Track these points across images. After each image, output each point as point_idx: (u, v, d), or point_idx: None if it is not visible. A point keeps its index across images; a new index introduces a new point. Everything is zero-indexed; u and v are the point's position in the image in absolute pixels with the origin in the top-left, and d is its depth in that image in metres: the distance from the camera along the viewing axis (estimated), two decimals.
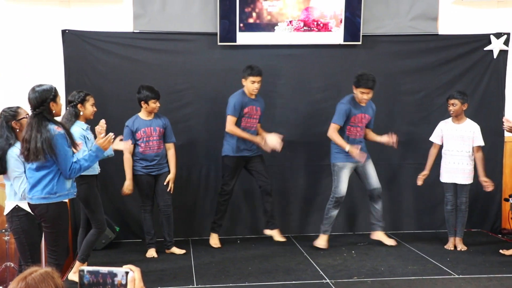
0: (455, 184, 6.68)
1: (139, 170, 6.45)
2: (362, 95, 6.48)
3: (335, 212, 6.72)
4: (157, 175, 6.52)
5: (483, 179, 6.61)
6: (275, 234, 6.84)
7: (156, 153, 6.46)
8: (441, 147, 6.78)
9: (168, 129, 6.57)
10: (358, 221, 7.55)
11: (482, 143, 6.62)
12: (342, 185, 6.65)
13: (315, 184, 7.44)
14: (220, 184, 7.05)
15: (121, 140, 5.78)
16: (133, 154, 6.45)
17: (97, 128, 5.53)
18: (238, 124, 6.65)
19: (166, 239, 6.64)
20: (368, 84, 6.43)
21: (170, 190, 6.54)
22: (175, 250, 6.64)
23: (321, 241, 6.77)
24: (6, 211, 5.02)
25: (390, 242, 6.84)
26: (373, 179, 6.74)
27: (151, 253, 6.54)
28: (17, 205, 4.87)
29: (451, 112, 6.60)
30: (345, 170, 6.65)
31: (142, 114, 6.45)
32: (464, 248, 6.70)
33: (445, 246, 6.78)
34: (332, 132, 6.59)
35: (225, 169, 6.85)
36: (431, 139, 6.82)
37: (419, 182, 6.82)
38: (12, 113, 4.95)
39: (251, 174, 6.91)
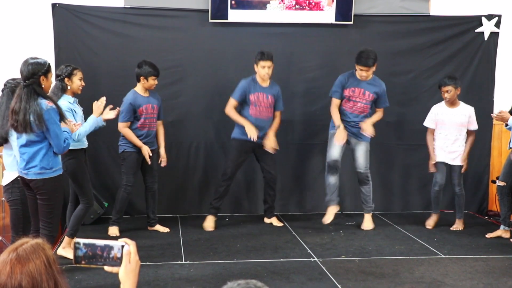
0: (445, 165, 6.71)
1: (132, 147, 6.33)
2: (361, 72, 6.44)
3: (331, 179, 6.68)
4: None
5: (463, 159, 6.64)
6: (273, 221, 6.95)
7: (153, 130, 6.42)
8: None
9: (161, 107, 6.52)
10: (347, 201, 7.57)
11: (476, 127, 6.66)
12: (332, 150, 6.63)
13: (306, 163, 7.44)
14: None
15: (111, 109, 5.64)
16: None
17: (96, 104, 5.48)
18: (246, 111, 6.61)
19: (150, 216, 6.62)
20: (366, 62, 6.38)
21: (162, 164, 6.51)
22: (159, 227, 6.61)
23: (328, 216, 6.69)
24: (6, 182, 5.03)
25: (368, 227, 6.77)
26: (359, 162, 6.66)
27: (114, 231, 6.42)
28: (19, 176, 4.84)
29: (447, 99, 6.58)
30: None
31: (140, 90, 6.33)
32: (461, 228, 6.76)
33: (426, 223, 6.84)
34: (331, 106, 6.66)
35: (229, 151, 6.83)
36: (425, 124, 6.79)
37: (432, 170, 6.76)
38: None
39: (258, 162, 6.93)
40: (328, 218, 6.68)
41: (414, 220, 7.18)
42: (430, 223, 6.84)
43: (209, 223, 6.76)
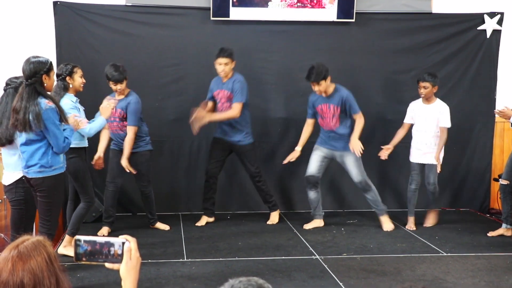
0: (422, 164, 6.69)
1: (111, 145, 6.36)
2: (312, 87, 6.39)
3: (310, 194, 6.72)
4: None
5: (436, 157, 6.52)
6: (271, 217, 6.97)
7: (118, 134, 6.27)
8: (411, 126, 6.77)
9: (130, 111, 6.14)
10: (348, 199, 7.57)
11: (447, 124, 6.52)
12: (309, 166, 6.67)
13: (307, 162, 7.40)
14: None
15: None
16: None
17: (105, 106, 5.37)
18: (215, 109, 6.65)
19: (148, 217, 6.62)
20: (307, 77, 6.31)
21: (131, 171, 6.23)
22: (159, 225, 6.62)
23: (309, 224, 6.74)
24: (9, 181, 5.03)
25: (387, 228, 6.68)
26: (353, 174, 6.58)
27: (102, 231, 6.34)
28: (23, 176, 4.84)
29: (422, 94, 6.56)
30: (315, 152, 6.67)
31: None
32: (430, 224, 6.77)
33: (406, 227, 6.74)
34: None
35: None
36: (404, 120, 6.78)
37: (383, 155, 6.67)
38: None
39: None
40: (308, 226, 6.72)
41: (416, 218, 7.15)
42: (411, 226, 6.74)
43: (200, 221, 6.82)
